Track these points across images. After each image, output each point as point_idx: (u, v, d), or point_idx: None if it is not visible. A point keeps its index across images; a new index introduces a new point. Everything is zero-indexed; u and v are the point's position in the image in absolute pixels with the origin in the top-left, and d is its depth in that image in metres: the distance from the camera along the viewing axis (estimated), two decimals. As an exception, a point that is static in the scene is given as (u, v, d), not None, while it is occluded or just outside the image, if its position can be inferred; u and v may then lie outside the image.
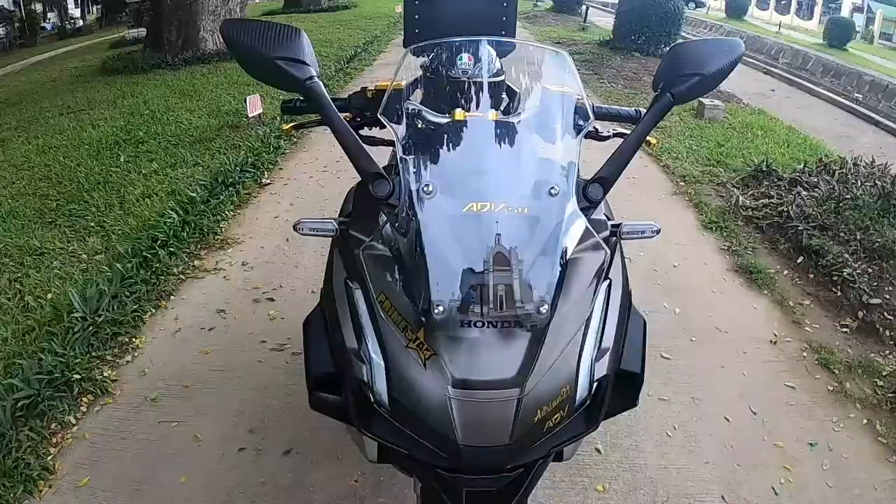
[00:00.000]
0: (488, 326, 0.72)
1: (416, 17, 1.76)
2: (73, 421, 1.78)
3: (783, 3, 23.35)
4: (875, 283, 2.45)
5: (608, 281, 0.88)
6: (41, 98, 6.24)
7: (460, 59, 1.33)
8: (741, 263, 2.64)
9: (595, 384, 0.79)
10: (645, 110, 1.17)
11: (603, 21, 12.92)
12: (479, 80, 1.33)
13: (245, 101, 4.13)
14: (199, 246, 2.65)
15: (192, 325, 2.18)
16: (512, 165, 0.86)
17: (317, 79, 0.88)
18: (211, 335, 2.12)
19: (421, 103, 1.69)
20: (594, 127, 1.08)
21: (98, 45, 11.36)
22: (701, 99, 5.21)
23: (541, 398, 0.72)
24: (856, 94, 9.44)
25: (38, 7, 15.92)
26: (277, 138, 3.96)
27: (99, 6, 17.11)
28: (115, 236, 2.76)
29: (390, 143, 1.14)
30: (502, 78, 1.41)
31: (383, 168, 0.86)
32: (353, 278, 0.86)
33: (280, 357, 1.98)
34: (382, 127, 1.00)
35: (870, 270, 2.52)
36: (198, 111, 4.78)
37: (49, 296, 2.34)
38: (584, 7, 13.04)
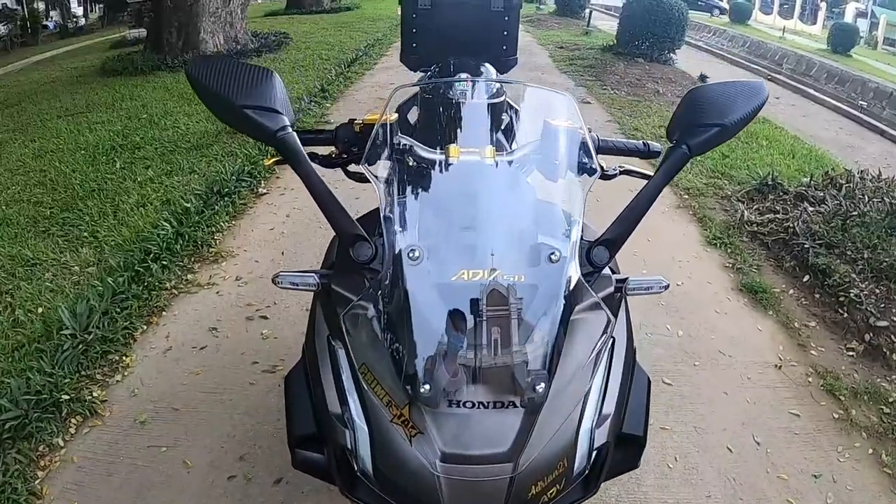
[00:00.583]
0: (479, 407, 0.67)
1: (414, 30, 1.70)
2: (62, 443, 1.74)
3: (786, 7, 23.30)
4: (882, 305, 2.39)
5: (612, 339, 0.82)
6: (40, 100, 6.20)
7: (459, 78, 1.29)
8: (746, 282, 2.59)
9: (594, 452, 0.74)
10: (659, 154, 1.10)
11: (606, 25, 12.86)
12: (478, 101, 1.28)
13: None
14: (192, 259, 2.61)
15: (184, 343, 2.13)
16: (508, 220, 0.79)
17: (290, 129, 0.81)
18: (202, 354, 2.08)
19: (415, 125, 1.63)
20: (599, 165, 1.02)
21: (99, 44, 11.31)
22: (705, 108, 5.16)
23: (536, 473, 0.67)
24: (860, 102, 9.37)
25: (41, 6, 15.90)
26: (276, 146, 3.91)
27: (101, 5, 17.06)
28: (108, 247, 2.71)
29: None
30: (502, 99, 1.35)
31: (371, 213, 0.81)
32: (337, 337, 0.81)
33: (272, 379, 1.93)
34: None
35: (877, 291, 2.47)
36: (196, 115, 4.73)
37: (40, 310, 2.30)
38: (587, 11, 12.98)
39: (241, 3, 7.67)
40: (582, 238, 0.80)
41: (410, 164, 0.90)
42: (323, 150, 1.07)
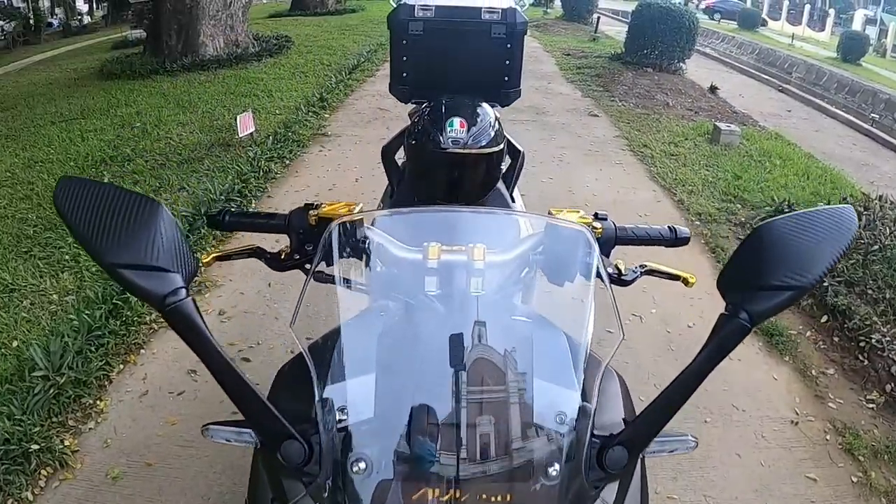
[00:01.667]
0: None
1: (404, 58, 1.50)
2: (31, 498, 1.63)
3: (793, 13, 23.06)
4: (906, 353, 2.25)
5: None
6: (35, 104, 6.08)
7: (451, 124, 1.11)
8: (762, 324, 2.43)
9: None
10: (687, 241, 0.94)
11: (613, 30, 12.70)
12: (472, 150, 1.13)
13: (235, 119, 3.94)
14: (176, 290, 2.47)
15: (161, 387, 2.00)
16: (492, 408, 0.61)
17: (184, 293, 0.56)
18: (180, 401, 1.95)
19: (402, 172, 1.45)
20: (616, 267, 0.87)
21: (101, 44, 11.20)
22: (717, 123, 5.01)
23: None
24: (872, 115, 9.20)
25: (46, 3, 15.81)
26: (268, 161, 3.77)
27: (105, 3, 16.97)
28: (88, 273, 2.59)
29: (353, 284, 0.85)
30: (501, 147, 1.19)
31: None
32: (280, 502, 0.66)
33: (252, 433, 1.80)
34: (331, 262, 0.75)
35: (900, 337, 2.32)
36: (190, 125, 4.61)
37: (15, 343, 2.19)
38: (594, 17, 12.80)
39: (242, 5, 7.54)
40: (593, 423, 0.62)
41: (379, 268, 0.75)
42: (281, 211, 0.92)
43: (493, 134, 1.15)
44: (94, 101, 5.74)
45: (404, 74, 1.51)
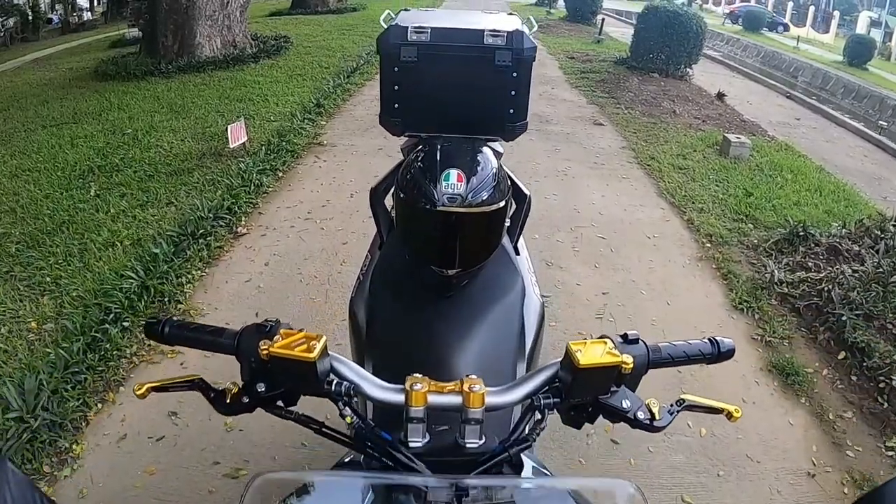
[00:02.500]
0: None
1: (396, 87, 1.30)
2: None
3: (796, 14, 22.87)
4: (930, 396, 2.12)
5: None
6: (28, 106, 5.95)
7: (447, 177, 0.94)
8: (776, 361, 2.31)
9: None
10: (732, 354, 0.76)
11: (618, 32, 12.53)
12: (472, 209, 0.96)
13: (227, 129, 3.80)
14: (158, 319, 2.34)
15: (140, 430, 1.87)
16: None
17: None
18: (159, 448, 1.82)
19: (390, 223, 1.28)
20: (648, 409, 0.71)
21: (99, 42, 11.05)
22: (726, 134, 4.87)
23: None
24: (880, 122, 9.04)
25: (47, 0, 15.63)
26: (260, 173, 3.63)
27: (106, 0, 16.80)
28: (69, 298, 2.46)
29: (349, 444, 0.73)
30: (505, 203, 0.99)
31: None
32: None
33: (233, 488, 1.67)
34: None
35: (924, 379, 2.19)
36: (182, 132, 4.47)
37: (-13, 377, 2.06)
38: (599, 18, 12.61)
39: (239, 5, 7.38)
40: None
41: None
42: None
43: (495, 186, 0.97)
44: (86, 104, 5.60)
45: (396, 106, 1.32)
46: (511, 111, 1.30)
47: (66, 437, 1.85)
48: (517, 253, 1.23)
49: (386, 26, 1.30)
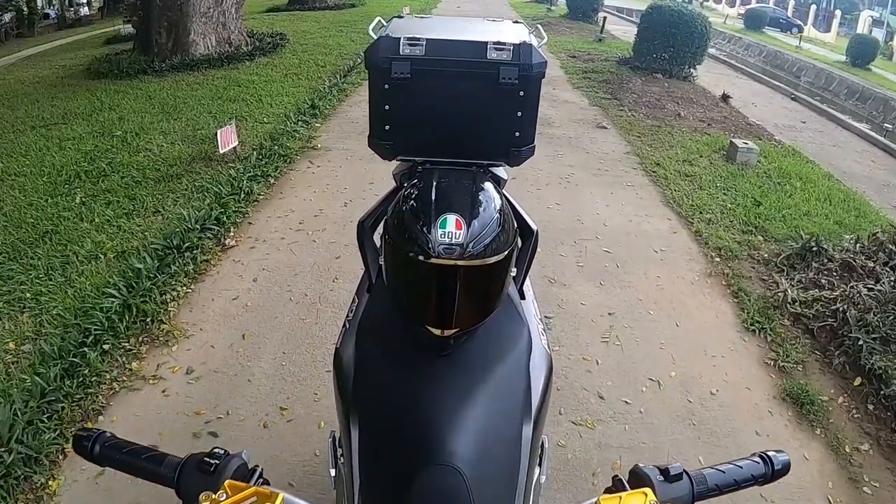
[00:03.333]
0: None
1: (386, 107, 1.14)
2: None
3: (797, 13, 22.72)
4: (952, 429, 2.02)
5: None
6: (19, 105, 5.80)
7: (443, 224, 0.80)
8: (790, 388, 2.20)
9: None
10: (787, 471, 0.69)
11: (620, 30, 12.37)
12: (473, 261, 0.79)
13: (216, 134, 3.67)
14: (139, 340, 2.22)
15: (117, 465, 1.76)
16: None
17: None
18: (138, 485, 1.69)
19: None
20: None
21: (94, 38, 10.86)
22: (733, 139, 4.75)
23: None
24: (886, 124, 8.93)
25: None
26: (251, 180, 3.50)
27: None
28: (48, 316, 2.34)
29: None
30: (509, 252, 0.85)
31: None
32: None
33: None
34: None
35: (946, 409, 2.08)
36: (172, 134, 4.33)
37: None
38: (600, 16, 12.44)
39: (235, 2, 7.22)
40: None
41: None
42: None
43: (499, 232, 0.82)
44: (77, 104, 5.46)
45: (386, 127, 1.15)
46: (517, 134, 1.15)
47: (41, 471, 1.75)
48: (522, 297, 1.07)
49: (375, 37, 1.14)
